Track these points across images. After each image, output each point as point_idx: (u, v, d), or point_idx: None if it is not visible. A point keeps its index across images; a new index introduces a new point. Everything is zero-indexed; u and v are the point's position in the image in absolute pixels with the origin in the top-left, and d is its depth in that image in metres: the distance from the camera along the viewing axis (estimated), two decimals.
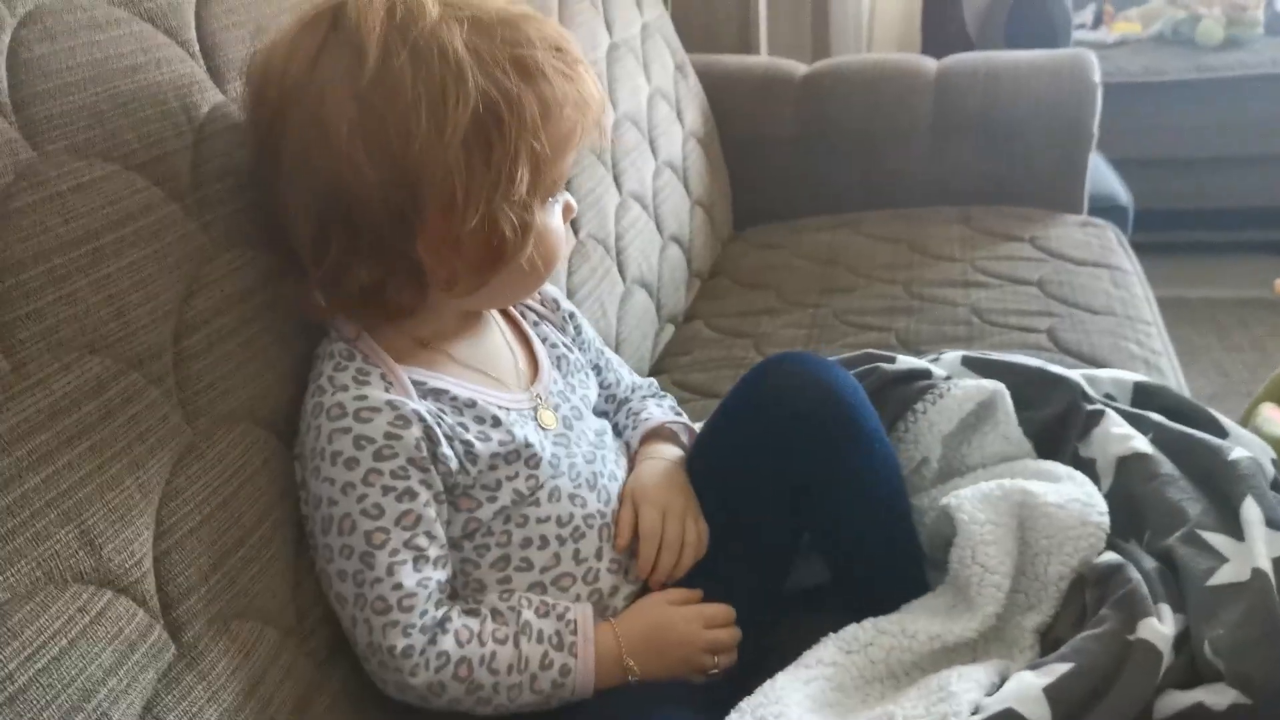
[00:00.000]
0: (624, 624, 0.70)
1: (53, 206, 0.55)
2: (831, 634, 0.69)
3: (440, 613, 0.65)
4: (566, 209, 0.73)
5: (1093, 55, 1.58)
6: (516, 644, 0.66)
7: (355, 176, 0.62)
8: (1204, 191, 2.50)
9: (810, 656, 0.67)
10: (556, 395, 0.77)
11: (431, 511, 0.66)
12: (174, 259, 0.62)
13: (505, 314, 0.80)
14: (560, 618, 0.68)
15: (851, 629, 0.69)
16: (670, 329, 1.38)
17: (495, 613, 0.68)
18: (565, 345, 0.82)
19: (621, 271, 1.26)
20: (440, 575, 0.66)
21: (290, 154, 0.64)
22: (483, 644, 0.66)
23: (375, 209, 0.63)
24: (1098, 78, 1.53)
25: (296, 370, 0.69)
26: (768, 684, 0.64)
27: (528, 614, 0.68)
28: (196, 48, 0.69)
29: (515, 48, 0.64)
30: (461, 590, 0.70)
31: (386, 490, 0.64)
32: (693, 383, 1.21)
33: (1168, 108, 2.43)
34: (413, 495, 0.65)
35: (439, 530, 0.67)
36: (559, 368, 0.79)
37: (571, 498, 0.72)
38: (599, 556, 0.72)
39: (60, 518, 0.51)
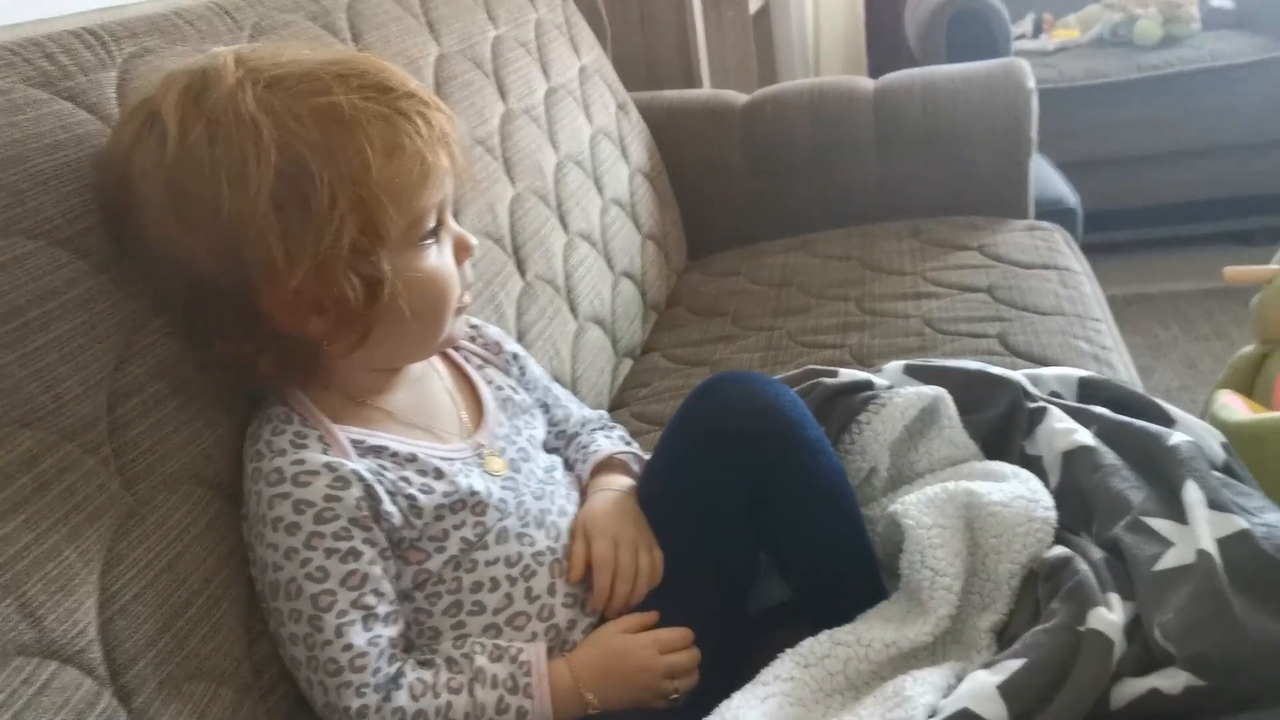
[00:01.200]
0: (579, 657, 0.70)
1: None
2: (788, 649, 0.69)
3: (393, 669, 0.66)
4: (460, 247, 0.71)
5: (1025, 62, 1.61)
6: (471, 692, 0.66)
7: (185, 255, 0.62)
8: (1155, 187, 2.53)
9: (767, 674, 0.67)
10: (502, 439, 0.77)
11: (378, 569, 0.66)
12: (103, 329, 0.62)
13: (447, 360, 0.81)
14: (513, 660, 0.68)
15: (808, 643, 0.69)
16: (628, 363, 1.39)
17: (449, 662, 0.68)
18: (510, 387, 0.82)
19: (573, 309, 1.27)
20: (391, 631, 0.66)
21: (134, 241, 0.65)
22: (437, 695, 0.66)
23: (214, 283, 0.63)
24: (1032, 84, 1.56)
25: (238, 429, 0.70)
26: (723, 704, 0.65)
27: (481, 660, 0.68)
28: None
29: (316, 97, 0.62)
30: (416, 639, 0.70)
31: (330, 553, 0.64)
32: (651, 414, 1.22)
33: (1112, 109, 2.46)
34: (357, 555, 0.65)
35: (387, 586, 0.67)
36: (504, 410, 0.80)
37: (519, 537, 0.72)
38: (552, 593, 0.72)
39: None
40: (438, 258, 0.70)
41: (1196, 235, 2.57)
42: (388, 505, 0.66)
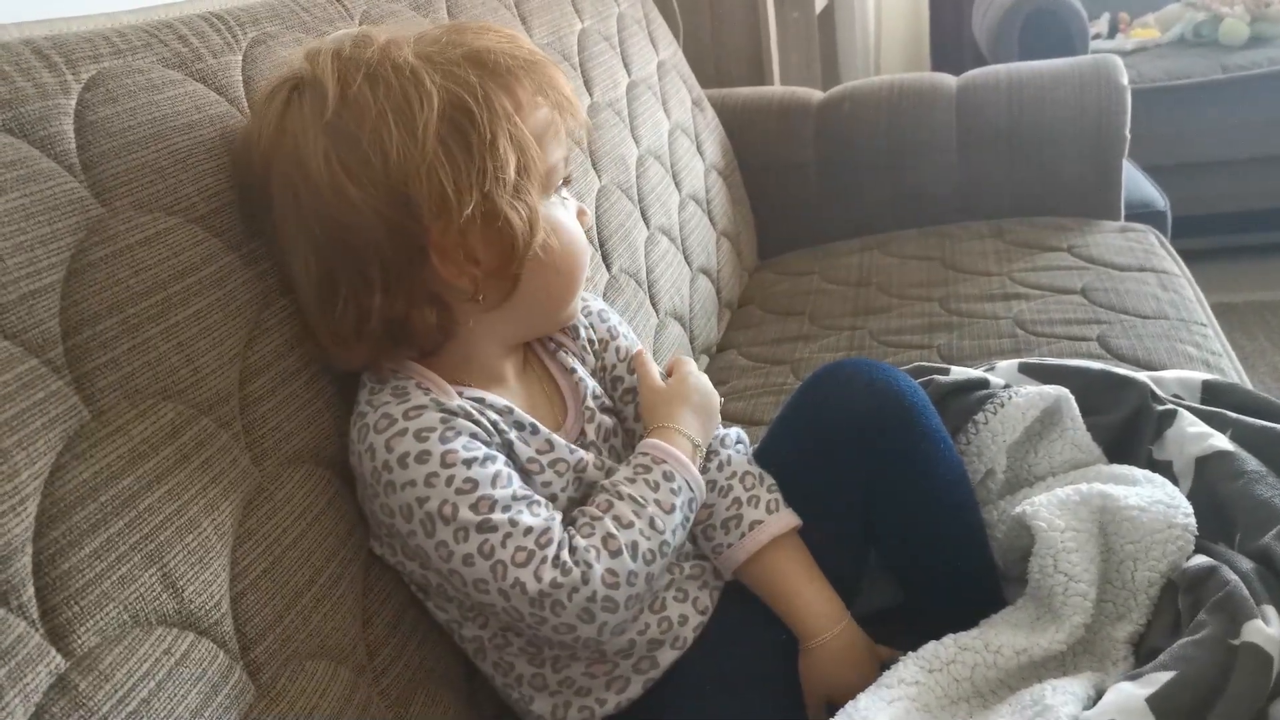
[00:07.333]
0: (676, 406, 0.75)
1: (123, 260, 0.57)
2: (911, 653, 0.67)
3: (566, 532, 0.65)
4: (580, 213, 0.73)
5: (1118, 59, 1.56)
6: (620, 498, 0.67)
7: (346, 207, 0.62)
8: (1240, 193, 2.44)
9: (891, 676, 0.65)
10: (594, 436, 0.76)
11: (515, 472, 0.66)
12: (236, 306, 0.63)
13: (550, 359, 0.78)
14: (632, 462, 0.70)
15: (931, 646, 0.67)
16: (705, 360, 1.38)
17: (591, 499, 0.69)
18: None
19: (654, 304, 1.27)
20: (556, 514, 0.66)
21: (280, 209, 0.65)
22: (603, 511, 0.66)
23: (375, 234, 0.63)
24: (1125, 80, 1.52)
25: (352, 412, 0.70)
26: (849, 705, 0.63)
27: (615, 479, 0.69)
28: (245, 104, 0.71)
29: (464, 46, 0.65)
30: None
31: (468, 463, 0.64)
32: (733, 412, 1.20)
33: (1195, 111, 2.38)
34: (493, 459, 0.65)
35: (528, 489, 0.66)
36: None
37: None
38: (666, 586, 0.72)
39: (144, 561, 0.51)
40: (568, 216, 0.71)
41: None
42: (496, 439, 0.67)
